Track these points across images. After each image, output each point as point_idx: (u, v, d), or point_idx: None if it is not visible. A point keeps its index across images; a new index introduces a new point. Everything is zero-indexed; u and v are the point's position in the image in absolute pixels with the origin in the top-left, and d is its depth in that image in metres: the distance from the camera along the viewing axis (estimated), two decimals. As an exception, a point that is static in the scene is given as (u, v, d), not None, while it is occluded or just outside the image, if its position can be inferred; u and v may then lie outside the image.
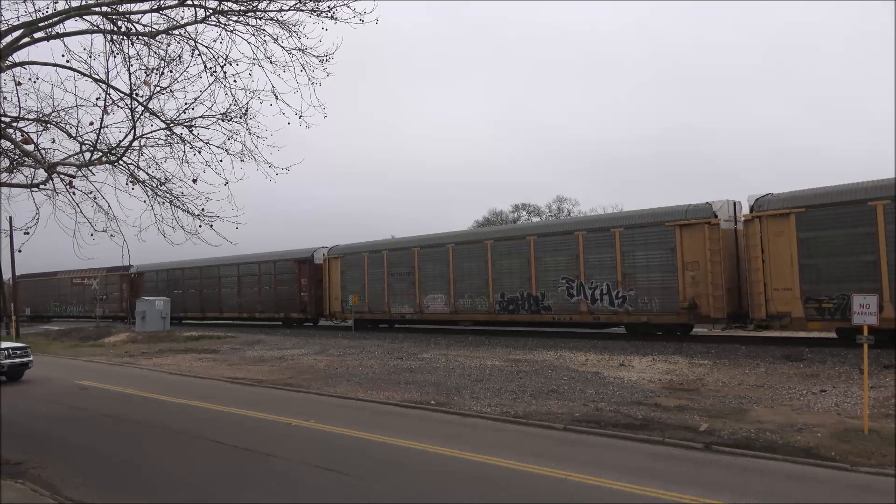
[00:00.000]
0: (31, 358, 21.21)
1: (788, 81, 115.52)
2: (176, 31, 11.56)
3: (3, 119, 11.81)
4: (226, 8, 11.33)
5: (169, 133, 12.18)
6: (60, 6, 10.89)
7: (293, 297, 38.03)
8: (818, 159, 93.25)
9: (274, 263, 39.51)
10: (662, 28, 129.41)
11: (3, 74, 11.10)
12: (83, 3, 11.03)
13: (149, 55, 11.62)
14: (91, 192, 12.25)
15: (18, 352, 21.03)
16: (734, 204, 22.67)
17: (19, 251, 13.81)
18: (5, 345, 21.32)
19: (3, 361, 20.22)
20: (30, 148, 11.79)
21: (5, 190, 13.18)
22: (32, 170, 12.55)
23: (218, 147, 12.14)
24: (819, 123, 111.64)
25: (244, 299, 41.44)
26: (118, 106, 11.43)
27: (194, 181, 12.33)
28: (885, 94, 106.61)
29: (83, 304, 54.04)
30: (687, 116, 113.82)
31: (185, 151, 12.33)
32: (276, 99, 11.57)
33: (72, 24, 11.22)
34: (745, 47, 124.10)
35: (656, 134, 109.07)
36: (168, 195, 12.51)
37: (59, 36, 11.11)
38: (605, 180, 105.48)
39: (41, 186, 12.27)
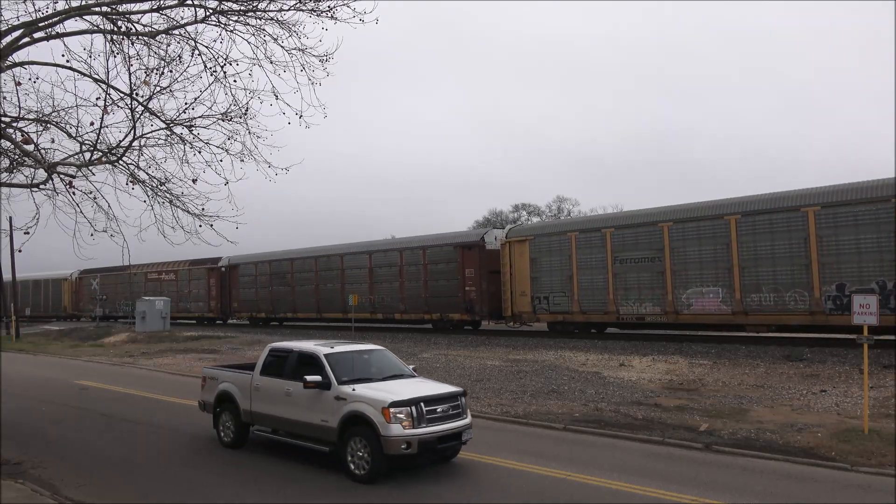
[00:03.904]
0: (467, 420, 9.86)
1: (767, 84, 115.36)
2: (176, 31, 11.57)
3: (3, 119, 11.81)
4: (226, 8, 11.33)
5: (169, 133, 12.19)
6: (60, 6, 10.90)
7: (453, 292, 29.57)
8: (796, 161, 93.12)
9: (423, 250, 31.01)
10: (648, 32, 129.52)
11: (3, 74, 11.10)
12: (83, 3, 11.03)
13: (149, 55, 11.63)
14: (91, 192, 12.25)
15: (442, 407, 9.57)
16: None
17: (19, 251, 13.79)
18: (410, 391, 9.64)
19: (410, 432, 9.06)
20: (30, 148, 11.78)
21: (5, 190, 13.17)
22: (32, 170, 12.55)
23: (218, 147, 12.15)
24: (796, 125, 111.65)
25: (379, 296, 32.85)
26: (118, 106, 11.44)
27: (194, 181, 12.33)
28: (860, 95, 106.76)
29: None
30: (669, 118, 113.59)
31: (185, 151, 12.34)
32: (277, 99, 11.58)
33: (72, 24, 11.24)
34: (726, 51, 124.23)
35: (638, 135, 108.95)
36: (168, 195, 12.51)
37: (59, 36, 11.12)
38: (591, 181, 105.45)
39: (41, 186, 12.26)
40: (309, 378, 9.76)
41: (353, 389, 9.57)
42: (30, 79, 11.78)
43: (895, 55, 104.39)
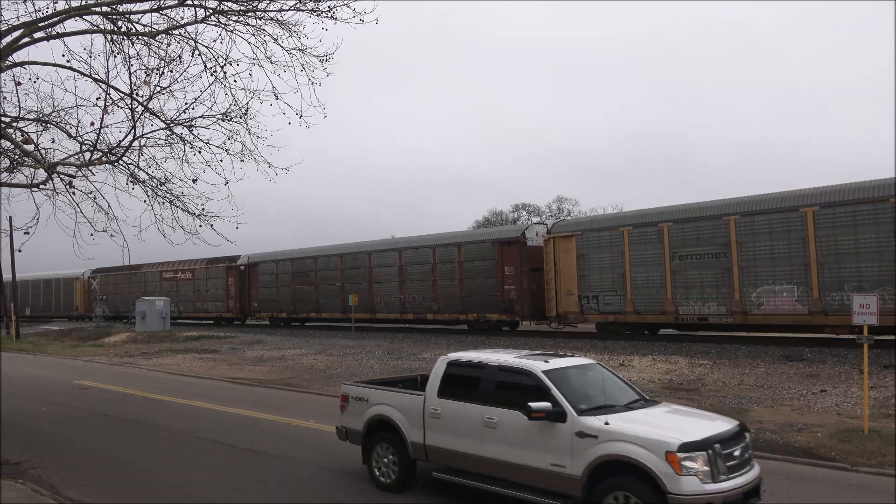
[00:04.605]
0: (758, 467, 7.09)
1: (767, 84, 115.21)
2: (176, 31, 11.58)
3: (3, 119, 11.82)
4: (226, 8, 11.34)
5: (169, 133, 12.20)
6: (60, 6, 10.92)
7: (491, 291, 27.98)
8: (796, 161, 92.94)
9: (458, 247, 29.46)
10: (648, 32, 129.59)
11: (3, 74, 11.11)
12: (83, 3, 11.04)
13: (149, 55, 11.65)
14: (91, 192, 12.27)
15: (738, 450, 6.78)
16: None
17: (19, 251, 13.81)
18: (691, 427, 6.93)
19: (712, 488, 6.32)
20: (30, 148, 11.79)
21: (5, 190, 13.18)
22: (32, 170, 12.55)
23: (218, 147, 12.17)
24: (796, 125, 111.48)
25: (409, 296, 31.42)
26: (118, 106, 11.45)
27: (194, 181, 12.35)
28: (860, 95, 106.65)
29: (178, 304, 44.21)
30: (669, 118, 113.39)
31: (185, 151, 12.36)
32: (277, 99, 11.59)
33: (72, 24, 11.25)
34: (726, 51, 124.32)
35: (638, 135, 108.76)
36: (168, 195, 12.53)
37: (59, 36, 11.13)
38: (591, 181, 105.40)
39: (41, 186, 12.28)
40: (535, 405, 7.04)
41: (606, 423, 6.83)
42: (30, 79, 11.80)
43: (895, 55, 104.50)
